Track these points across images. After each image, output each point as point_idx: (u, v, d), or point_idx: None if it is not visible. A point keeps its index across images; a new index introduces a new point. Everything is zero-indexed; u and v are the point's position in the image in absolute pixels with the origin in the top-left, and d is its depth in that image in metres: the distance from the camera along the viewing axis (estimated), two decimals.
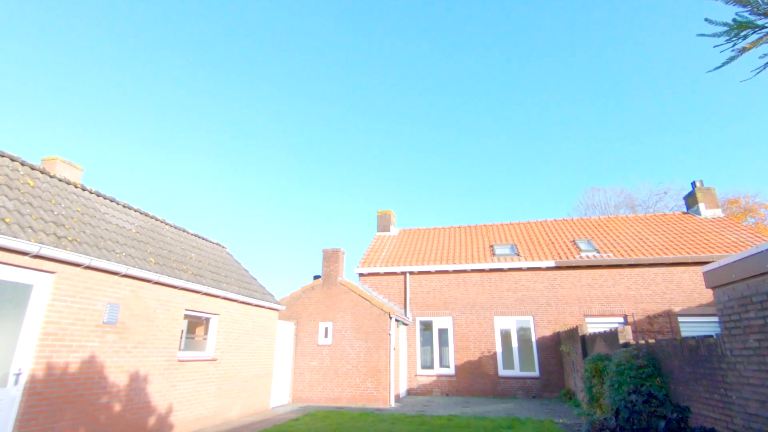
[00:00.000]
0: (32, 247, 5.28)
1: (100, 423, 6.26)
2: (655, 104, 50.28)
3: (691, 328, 13.12)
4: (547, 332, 14.17)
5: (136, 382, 7.00)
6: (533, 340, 14.29)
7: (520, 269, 15.05)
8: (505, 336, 14.60)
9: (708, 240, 14.55)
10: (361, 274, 16.55)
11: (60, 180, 7.77)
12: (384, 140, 61.54)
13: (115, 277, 6.71)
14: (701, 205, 16.93)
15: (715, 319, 13.16)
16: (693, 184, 17.42)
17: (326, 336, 13.04)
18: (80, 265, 6.06)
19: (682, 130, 49.74)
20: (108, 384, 6.44)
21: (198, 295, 8.71)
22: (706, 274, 4.62)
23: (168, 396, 7.69)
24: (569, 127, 55.19)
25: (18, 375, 5.22)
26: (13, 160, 6.92)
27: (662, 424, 4.12)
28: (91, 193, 8.39)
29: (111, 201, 8.81)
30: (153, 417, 7.30)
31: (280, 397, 12.07)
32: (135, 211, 9.41)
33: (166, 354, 7.72)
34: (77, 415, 5.90)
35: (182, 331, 8.41)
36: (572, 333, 11.95)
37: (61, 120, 49.74)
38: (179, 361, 8.05)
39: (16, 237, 5.16)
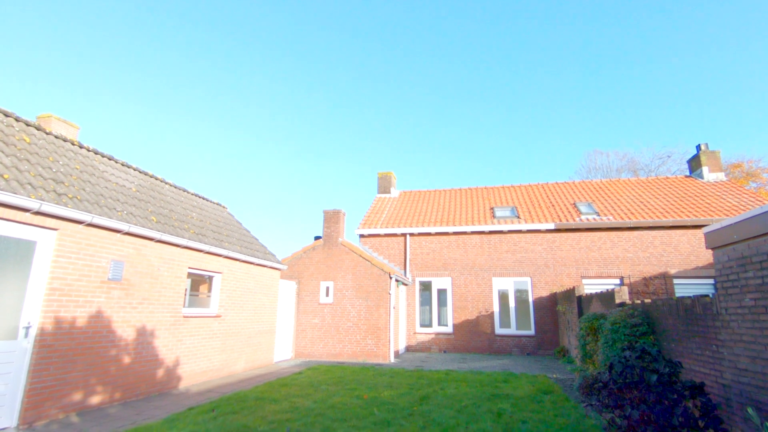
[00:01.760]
0: (33, 204, 5.26)
1: (111, 374, 6.48)
2: (661, 67, 48.85)
3: (685, 289, 13.36)
4: (544, 293, 14.45)
5: (144, 336, 7.19)
6: (530, 300, 14.59)
7: (519, 231, 15.14)
8: (503, 296, 14.90)
9: (709, 204, 14.54)
10: (361, 236, 16.66)
11: (56, 137, 7.65)
12: (385, 102, 60.30)
13: (118, 234, 6.74)
14: (704, 169, 16.81)
15: (710, 281, 13.38)
16: (698, 147, 17.21)
17: (327, 295, 13.30)
18: (82, 223, 6.07)
19: (687, 93, 48.62)
20: (116, 338, 6.62)
21: (200, 253, 8.79)
22: (707, 234, 4.63)
23: (175, 350, 7.93)
24: (572, 89, 53.90)
25: (28, 328, 5.35)
26: (6, 115, 6.78)
27: (654, 377, 4.26)
28: (88, 150, 8.28)
29: (109, 159, 8.71)
30: (161, 369, 7.56)
31: (283, 352, 12.48)
32: (134, 169, 9.33)
33: (172, 310, 7.89)
34: (88, 366, 6.10)
35: (186, 289, 8.56)
36: (569, 294, 12.18)
37: (56, 79, 48.49)
38: (184, 317, 8.24)
39: (15, 193, 5.12)
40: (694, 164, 17.56)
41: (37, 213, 5.45)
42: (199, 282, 9.49)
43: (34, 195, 5.42)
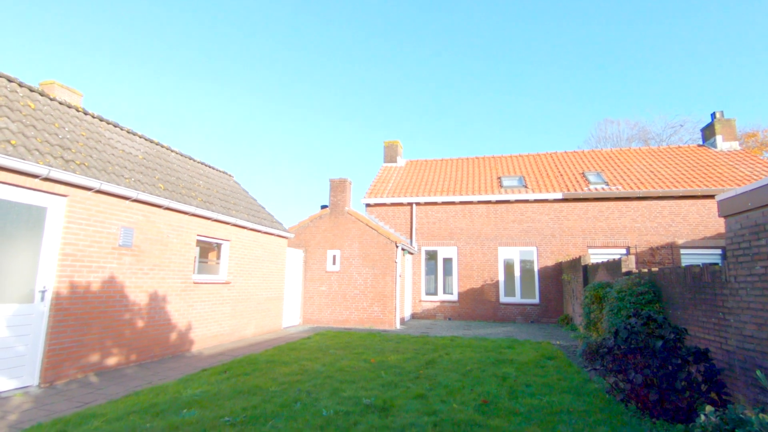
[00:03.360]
0: (41, 170, 5.27)
1: (125, 337, 6.68)
2: (675, 31, 46.96)
3: (692, 259, 13.35)
4: (550, 262, 14.51)
5: (156, 301, 7.36)
6: (535, 269, 14.68)
7: (527, 201, 15.05)
8: (508, 266, 15.00)
9: (721, 173, 14.31)
10: (367, 205, 16.66)
11: (61, 103, 7.58)
12: (392, 69, 58.91)
13: (127, 201, 6.77)
14: (718, 138, 16.44)
15: (717, 251, 13.34)
16: (713, 115, 16.76)
17: (334, 263, 13.45)
18: (91, 189, 6.09)
19: (703, 59, 46.92)
20: (129, 302, 6.78)
21: (208, 221, 8.85)
22: (720, 202, 4.56)
23: (186, 315, 8.12)
24: (583, 55, 52.21)
25: (43, 292, 5.47)
26: (10, 80, 6.70)
27: (659, 343, 4.31)
28: (93, 117, 8.22)
29: (114, 126, 8.65)
30: (174, 333, 7.77)
31: (291, 318, 12.76)
32: (140, 137, 9.28)
33: (182, 276, 8.03)
34: (103, 330, 6.28)
35: (195, 256, 8.67)
36: (574, 263, 12.22)
37: (56, 44, 47.63)
38: (194, 283, 8.39)
39: (23, 159, 5.12)
40: (708, 133, 17.16)
41: (46, 179, 5.47)
42: (207, 249, 9.60)
43: (42, 161, 5.42)
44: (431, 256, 15.76)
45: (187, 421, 4.07)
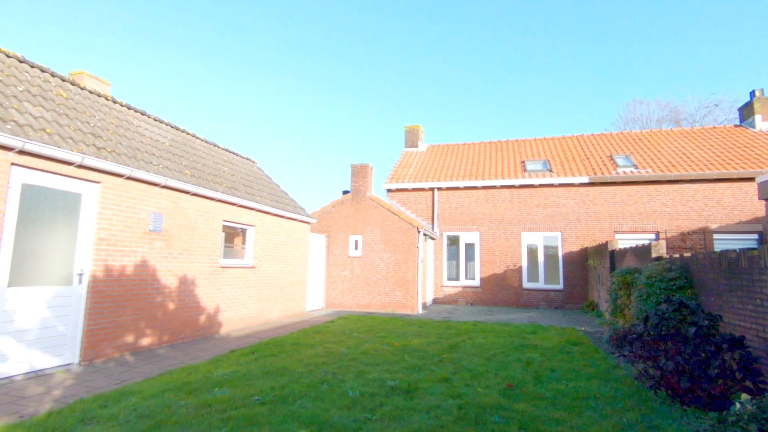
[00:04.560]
0: (76, 157, 5.44)
1: (158, 319, 6.93)
2: (709, 3, 44.38)
3: (725, 245, 12.87)
4: (575, 248, 14.24)
5: (185, 284, 7.59)
6: (560, 255, 14.44)
7: (551, 185, 14.74)
8: (532, 251, 14.80)
9: (760, 154, 13.64)
10: (389, 190, 16.63)
11: (91, 92, 7.77)
12: (413, 52, 57.99)
13: (156, 188, 6.95)
14: (757, 117, 15.62)
15: (753, 236, 12.82)
16: (751, 93, 15.92)
17: (356, 248, 13.55)
18: (122, 176, 6.27)
19: (740, 33, 44.32)
20: (160, 285, 7.01)
21: (234, 207, 9.01)
22: (761, 184, 4.37)
23: (214, 298, 8.36)
24: (610, 32, 50.08)
25: (81, 275, 5.71)
26: (43, 71, 6.90)
27: (692, 330, 4.19)
28: (122, 105, 8.41)
29: (142, 114, 8.84)
30: (203, 315, 8.02)
31: (314, 302, 12.98)
32: (166, 124, 9.46)
33: (209, 260, 8.24)
34: (137, 311, 6.53)
35: (221, 241, 8.87)
36: (601, 248, 11.96)
37: (81, 32, 48.67)
38: (221, 267, 8.60)
39: (59, 147, 5.30)
40: (746, 112, 16.33)
41: (80, 166, 5.65)
42: (233, 235, 9.80)
43: (76, 149, 5.59)
44: (453, 242, 15.69)
45: (219, 399, 4.21)
